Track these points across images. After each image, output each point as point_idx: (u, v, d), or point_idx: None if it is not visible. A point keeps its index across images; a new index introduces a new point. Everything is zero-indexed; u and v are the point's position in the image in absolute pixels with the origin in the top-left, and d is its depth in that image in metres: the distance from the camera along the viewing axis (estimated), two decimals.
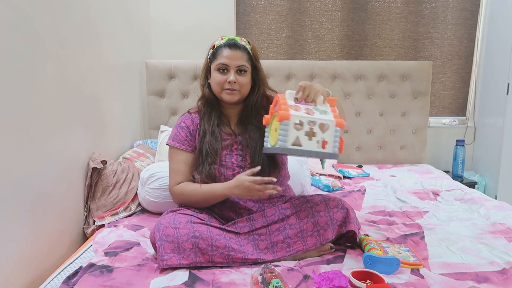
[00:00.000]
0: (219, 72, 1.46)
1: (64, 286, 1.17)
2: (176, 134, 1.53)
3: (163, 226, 1.29)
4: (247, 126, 1.52)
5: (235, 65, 1.45)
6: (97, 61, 1.90)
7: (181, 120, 1.56)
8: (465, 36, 2.97)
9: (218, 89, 1.47)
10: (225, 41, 1.48)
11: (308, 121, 1.23)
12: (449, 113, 3.07)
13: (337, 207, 1.38)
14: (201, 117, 1.53)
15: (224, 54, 1.45)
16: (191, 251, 1.25)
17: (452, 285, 1.16)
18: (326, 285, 1.08)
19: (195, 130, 1.52)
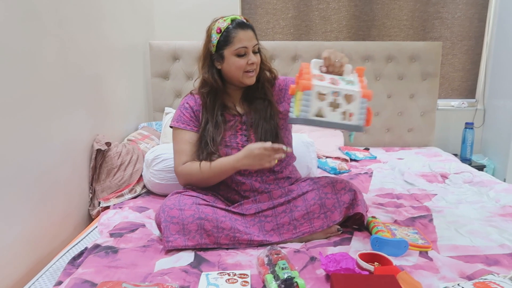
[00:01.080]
0: (238, 56, 1.38)
1: (70, 266, 1.17)
2: (180, 115, 1.49)
3: (168, 207, 1.27)
4: (252, 102, 1.48)
5: (251, 45, 1.39)
6: (99, 41, 1.87)
7: (184, 101, 1.52)
8: (476, 16, 2.88)
9: (239, 74, 1.40)
10: (233, 22, 1.38)
11: (332, 91, 1.19)
12: (458, 96, 3.02)
13: (345, 189, 1.36)
14: (204, 106, 1.47)
15: (240, 36, 1.37)
16: (197, 232, 1.24)
17: (461, 267, 1.15)
18: (333, 267, 1.06)
19: (199, 110, 1.48)
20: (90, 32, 1.76)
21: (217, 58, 1.42)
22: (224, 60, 1.41)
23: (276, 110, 1.48)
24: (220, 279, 1.05)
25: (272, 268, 1.05)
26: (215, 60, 1.43)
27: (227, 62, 1.40)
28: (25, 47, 1.27)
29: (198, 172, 1.39)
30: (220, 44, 1.39)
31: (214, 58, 1.43)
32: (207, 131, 1.43)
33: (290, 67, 2.59)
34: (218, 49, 1.40)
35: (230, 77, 1.44)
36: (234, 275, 1.07)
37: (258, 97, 1.48)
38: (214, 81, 1.44)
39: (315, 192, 1.35)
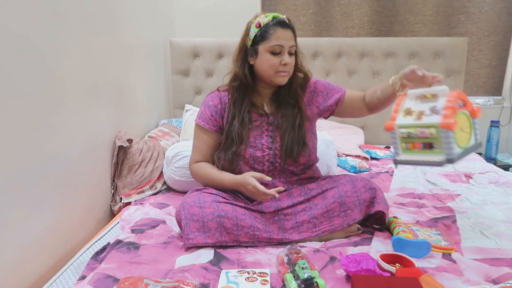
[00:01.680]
0: (272, 54, 1.35)
1: (93, 261, 1.19)
2: (202, 112, 1.48)
3: (188, 205, 1.28)
4: (281, 105, 1.45)
5: (288, 45, 1.35)
6: (121, 39, 1.89)
7: (209, 98, 1.50)
8: (504, 10, 2.79)
9: (271, 72, 1.37)
10: (274, 19, 1.34)
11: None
12: (484, 93, 2.93)
13: (365, 187, 1.34)
14: (233, 101, 1.44)
15: (278, 34, 1.33)
16: (216, 230, 1.25)
17: (486, 270, 1.11)
18: (353, 267, 1.05)
19: (223, 109, 1.46)
20: (112, 30, 1.79)
21: (251, 53, 1.39)
22: (257, 56, 1.38)
23: (305, 118, 1.46)
24: (240, 277, 1.05)
25: (292, 268, 1.05)
26: (249, 55, 1.40)
27: (260, 58, 1.37)
28: (51, 44, 1.29)
29: (203, 178, 1.45)
30: (257, 38, 1.36)
31: (248, 52, 1.40)
32: (233, 126, 1.41)
33: (311, 64, 2.56)
34: (253, 44, 1.37)
35: (261, 74, 1.40)
36: (253, 274, 1.07)
37: (288, 102, 1.45)
38: (244, 76, 1.41)
39: (335, 190, 1.34)
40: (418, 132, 1.17)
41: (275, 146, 1.42)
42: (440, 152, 1.14)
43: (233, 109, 1.43)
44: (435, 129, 1.13)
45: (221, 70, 2.57)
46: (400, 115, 1.21)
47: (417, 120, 1.17)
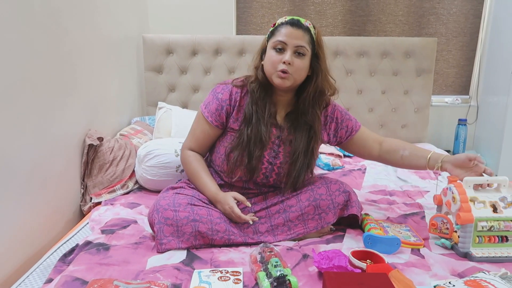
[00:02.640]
0: (275, 50, 1.29)
1: (60, 263, 1.16)
2: (209, 101, 1.40)
3: (162, 208, 1.25)
4: (297, 123, 1.37)
5: (293, 44, 1.27)
6: (92, 34, 1.84)
7: (220, 90, 1.39)
8: (471, 12, 2.88)
9: (271, 70, 1.30)
10: (288, 19, 1.31)
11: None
12: (452, 92, 3.02)
13: (339, 190, 1.35)
14: (252, 100, 1.35)
15: (284, 31, 1.28)
16: (191, 234, 1.23)
17: (452, 265, 1.15)
18: (325, 264, 1.06)
19: (230, 106, 1.37)
20: (83, 24, 1.73)
21: (263, 52, 1.36)
22: (265, 54, 1.35)
23: (317, 143, 1.41)
24: (213, 276, 1.04)
25: (264, 266, 1.05)
26: (263, 53, 1.37)
27: (266, 55, 1.33)
28: (15, 39, 1.24)
29: (188, 172, 1.43)
30: (268, 37, 1.34)
31: (262, 53, 1.37)
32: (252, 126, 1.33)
33: None
34: (267, 43, 1.35)
35: (266, 73, 1.34)
36: (226, 273, 1.06)
37: (305, 121, 1.37)
38: (260, 76, 1.35)
39: (309, 193, 1.35)
40: (502, 226, 1.21)
41: (276, 162, 1.37)
42: None
43: (254, 108, 1.34)
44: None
45: (195, 67, 2.54)
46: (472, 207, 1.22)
47: (496, 213, 1.22)
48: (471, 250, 1.20)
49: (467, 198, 1.23)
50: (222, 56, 2.55)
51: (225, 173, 1.39)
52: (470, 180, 1.28)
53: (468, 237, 1.21)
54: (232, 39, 2.55)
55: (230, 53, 2.53)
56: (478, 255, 1.18)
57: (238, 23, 2.84)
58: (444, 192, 1.32)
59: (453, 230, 1.26)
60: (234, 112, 1.37)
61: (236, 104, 1.37)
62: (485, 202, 1.24)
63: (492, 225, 1.20)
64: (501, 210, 1.22)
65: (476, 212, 1.21)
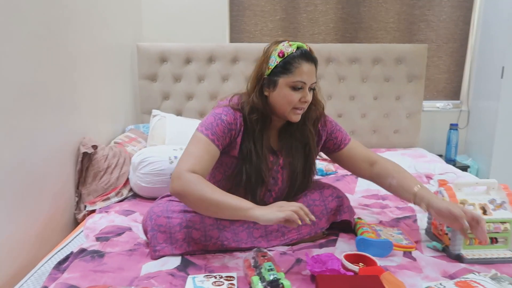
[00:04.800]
0: (293, 89, 1.22)
1: (55, 271, 1.16)
2: (213, 124, 1.23)
3: (155, 215, 1.26)
4: (291, 143, 1.33)
5: (311, 82, 1.23)
6: (87, 43, 1.85)
7: (222, 112, 1.26)
8: (461, 19, 2.93)
9: (287, 108, 1.23)
10: (298, 50, 1.21)
11: None
12: (443, 97, 3.06)
13: (332, 195, 1.36)
14: (250, 134, 1.27)
15: (303, 69, 1.20)
16: (184, 241, 1.23)
17: (444, 267, 1.17)
18: (318, 268, 1.07)
19: (234, 131, 1.26)
20: (78, 33, 1.75)
21: (268, 83, 1.25)
22: (275, 88, 1.24)
23: (314, 159, 1.38)
24: (207, 281, 1.05)
25: (258, 270, 1.06)
26: (264, 85, 1.26)
27: (278, 92, 1.23)
28: (11, 48, 1.25)
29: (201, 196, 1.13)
30: (278, 69, 1.22)
31: (264, 82, 1.25)
32: (251, 164, 1.26)
33: None
34: (273, 74, 1.23)
35: (276, 108, 1.26)
36: (220, 278, 1.07)
37: (298, 139, 1.34)
38: (264, 108, 1.26)
39: (303, 198, 1.35)
40: (491, 228, 1.23)
41: (274, 188, 1.36)
42: (505, 246, 1.24)
43: (253, 146, 1.27)
44: (509, 224, 1.22)
45: (189, 75, 2.56)
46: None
47: (485, 214, 1.24)
48: (462, 252, 1.22)
49: (457, 201, 1.25)
50: (215, 64, 2.57)
51: None
52: (460, 184, 1.30)
53: (459, 239, 1.22)
54: (225, 47, 2.58)
55: (224, 61, 2.56)
56: (469, 256, 1.20)
57: (232, 31, 2.87)
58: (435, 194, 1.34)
59: (444, 232, 1.27)
60: (237, 138, 1.28)
61: (240, 129, 1.27)
62: (475, 205, 1.26)
63: None
64: (490, 212, 1.24)
65: None
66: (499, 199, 1.27)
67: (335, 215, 1.36)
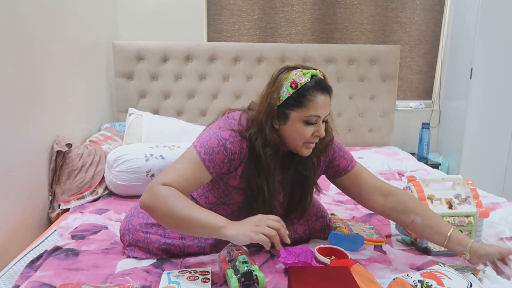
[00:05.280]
0: (306, 124, 1.12)
1: (27, 270, 1.15)
2: (214, 150, 1.10)
3: (133, 228, 1.22)
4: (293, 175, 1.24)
5: (325, 115, 1.14)
6: (59, 40, 1.83)
7: (229, 138, 1.13)
8: (432, 21, 3.03)
9: (299, 143, 1.14)
10: (313, 80, 1.11)
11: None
12: (416, 97, 3.15)
13: (316, 215, 1.35)
14: (263, 169, 1.15)
15: (318, 102, 1.10)
16: (163, 254, 1.22)
17: (412, 260, 1.22)
18: (291, 260, 1.10)
19: (237, 161, 1.15)
20: (50, 30, 1.73)
21: (278, 115, 1.13)
22: (286, 122, 1.13)
23: (312, 191, 1.30)
24: (182, 276, 1.06)
25: (232, 263, 1.08)
26: (274, 118, 1.14)
27: (290, 126, 1.13)
28: None
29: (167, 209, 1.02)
30: (290, 101, 1.11)
31: (273, 114, 1.14)
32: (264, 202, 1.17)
33: (255, 69, 2.62)
34: (284, 106, 1.12)
35: (288, 142, 1.16)
36: (195, 273, 1.08)
37: (301, 172, 1.24)
38: (279, 143, 1.15)
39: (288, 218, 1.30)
40: (456, 222, 1.28)
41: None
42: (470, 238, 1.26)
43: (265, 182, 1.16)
44: (473, 218, 1.28)
45: (166, 73, 2.56)
46: (429, 204, 1.28)
47: (451, 209, 1.29)
48: (429, 245, 1.27)
49: (425, 196, 1.30)
50: (193, 63, 2.57)
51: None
52: (427, 179, 1.36)
53: None
54: (203, 45, 2.58)
55: (201, 60, 2.57)
56: (436, 249, 1.25)
57: (209, 30, 2.88)
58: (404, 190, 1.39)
59: None
60: (238, 168, 1.17)
61: (244, 160, 1.16)
62: (441, 199, 1.32)
63: (448, 220, 1.27)
64: (456, 207, 1.30)
65: (433, 209, 1.28)
66: (463, 194, 1.33)
67: (319, 232, 1.35)
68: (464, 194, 1.33)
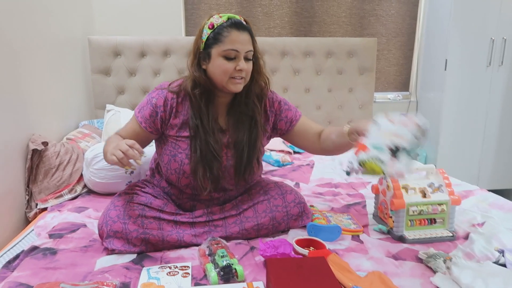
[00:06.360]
0: (226, 59, 1.23)
1: (4, 270, 1.13)
2: (143, 106, 1.33)
3: (111, 220, 1.22)
4: (237, 119, 1.34)
5: (244, 50, 1.24)
6: (35, 35, 1.79)
7: (155, 95, 1.33)
8: (408, 13, 3.08)
9: (223, 78, 1.24)
10: (229, 20, 1.23)
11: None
12: (394, 89, 3.21)
13: (294, 201, 1.37)
14: (196, 110, 1.29)
15: (233, 37, 1.22)
16: (142, 244, 1.22)
17: (388, 247, 1.25)
18: (270, 252, 1.12)
19: (164, 113, 1.30)
20: (25, 26, 1.69)
21: (203, 56, 1.27)
22: (210, 60, 1.26)
23: (262, 133, 1.38)
24: (161, 272, 1.07)
25: (212, 257, 1.09)
26: (201, 59, 1.28)
27: (212, 63, 1.25)
28: None
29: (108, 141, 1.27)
30: (209, 41, 1.24)
31: (201, 56, 1.27)
32: (200, 139, 1.28)
33: None
34: (206, 47, 1.25)
35: (215, 80, 1.27)
36: (175, 268, 1.09)
37: (245, 113, 1.34)
38: (203, 81, 1.27)
39: (266, 203, 1.35)
40: (430, 210, 1.31)
41: (230, 164, 1.34)
42: (443, 226, 1.33)
43: (200, 121, 1.28)
44: (446, 206, 1.32)
45: (144, 69, 2.53)
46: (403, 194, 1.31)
47: (425, 198, 1.32)
48: (404, 233, 1.31)
49: (399, 186, 1.33)
50: (171, 58, 2.55)
51: (173, 182, 1.35)
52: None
53: (402, 221, 1.31)
54: (180, 40, 2.56)
55: (179, 55, 2.55)
56: (411, 237, 1.29)
57: (187, 24, 2.86)
58: (380, 181, 1.42)
59: (388, 216, 1.36)
60: (170, 119, 1.32)
61: (172, 111, 1.31)
62: (416, 189, 1.35)
63: (421, 209, 1.31)
64: (429, 195, 1.34)
65: (407, 198, 1.31)
66: (436, 183, 1.37)
67: (296, 220, 1.38)
68: (437, 183, 1.37)
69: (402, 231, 1.31)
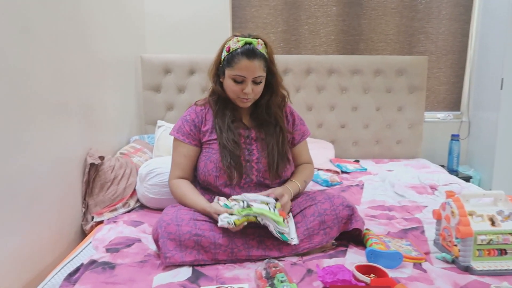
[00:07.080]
0: (235, 82, 1.41)
1: (66, 283, 1.16)
2: (180, 126, 1.52)
3: (165, 223, 1.27)
4: (262, 124, 1.52)
5: (252, 76, 1.40)
6: (91, 56, 1.87)
7: (187, 113, 1.54)
8: (459, 31, 2.98)
9: (233, 96, 1.45)
10: (242, 47, 1.39)
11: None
12: (444, 108, 3.09)
13: (342, 204, 1.37)
14: (214, 113, 1.51)
15: (242, 65, 1.38)
16: (194, 248, 1.24)
17: (455, 279, 1.17)
18: (330, 279, 1.08)
19: (200, 122, 1.51)
20: (83, 46, 1.77)
21: (221, 71, 1.47)
22: (224, 78, 1.46)
23: (286, 136, 1.53)
24: None
25: (270, 281, 1.07)
26: (220, 73, 1.47)
27: (225, 81, 1.45)
28: (20, 60, 1.27)
29: (180, 198, 1.46)
30: (225, 62, 1.43)
31: (220, 70, 1.47)
32: (224, 137, 1.45)
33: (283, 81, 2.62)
34: (222, 65, 1.44)
35: (228, 94, 1.47)
36: None
37: (269, 121, 1.51)
38: (218, 91, 1.49)
39: (314, 208, 1.37)
40: (500, 239, 1.23)
41: (252, 158, 1.47)
42: None
43: (217, 121, 1.48)
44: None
45: (193, 86, 2.58)
46: (470, 221, 1.24)
47: (494, 226, 1.24)
48: (471, 264, 1.22)
49: (466, 212, 1.26)
50: None
51: (211, 185, 1.46)
52: (467, 195, 1.31)
53: (469, 250, 1.23)
54: None
55: None
56: (479, 268, 1.21)
57: None
58: (443, 206, 1.35)
59: (453, 244, 1.28)
60: (203, 126, 1.51)
61: (203, 119, 1.51)
62: (483, 216, 1.27)
63: (491, 238, 1.23)
64: (499, 224, 1.25)
65: (475, 226, 1.23)
66: (506, 211, 1.28)
67: (346, 224, 1.36)
68: (507, 211, 1.28)
69: (469, 261, 1.23)
